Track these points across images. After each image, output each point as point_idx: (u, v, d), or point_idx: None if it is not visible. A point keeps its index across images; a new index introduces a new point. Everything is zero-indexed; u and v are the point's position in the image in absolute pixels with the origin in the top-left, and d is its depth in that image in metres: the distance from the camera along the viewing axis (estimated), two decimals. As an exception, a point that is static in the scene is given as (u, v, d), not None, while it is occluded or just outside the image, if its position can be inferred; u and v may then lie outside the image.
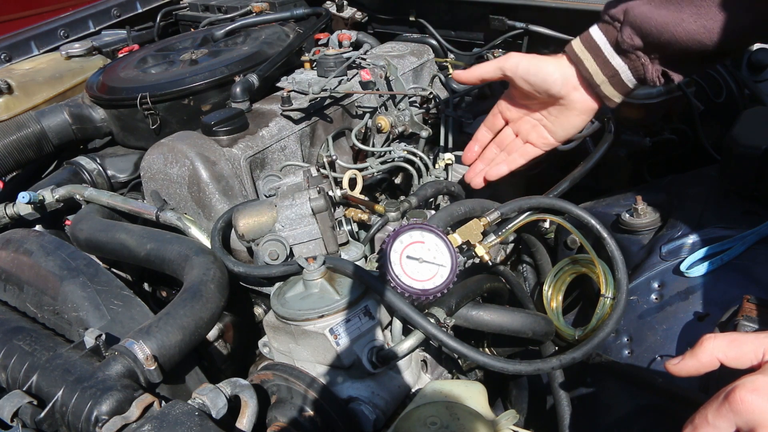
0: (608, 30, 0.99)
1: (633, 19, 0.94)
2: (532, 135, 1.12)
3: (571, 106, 1.05)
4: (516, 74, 1.05)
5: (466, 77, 1.13)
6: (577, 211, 1.02)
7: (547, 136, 1.11)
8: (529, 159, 1.13)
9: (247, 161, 1.27)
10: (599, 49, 0.99)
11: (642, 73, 0.97)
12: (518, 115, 1.13)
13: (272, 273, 1.00)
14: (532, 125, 1.12)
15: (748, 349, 0.59)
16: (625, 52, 0.97)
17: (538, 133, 1.11)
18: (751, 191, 1.03)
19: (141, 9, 2.24)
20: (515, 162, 1.14)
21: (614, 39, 0.97)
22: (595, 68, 1.00)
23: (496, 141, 1.17)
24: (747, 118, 1.09)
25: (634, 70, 0.98)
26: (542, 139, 1.11)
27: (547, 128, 1.10)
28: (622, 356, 0.96)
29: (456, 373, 1.05)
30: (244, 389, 0.83)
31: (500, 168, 1.15)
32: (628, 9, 0.95)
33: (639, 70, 0.97)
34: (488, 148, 1.18)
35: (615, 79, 0.99)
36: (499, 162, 1.16)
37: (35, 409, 0.81)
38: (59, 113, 1.52)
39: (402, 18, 1.89)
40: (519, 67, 1.05)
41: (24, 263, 1.10)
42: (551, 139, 1.11)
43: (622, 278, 0.96)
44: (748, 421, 0.54)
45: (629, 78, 0.99)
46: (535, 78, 1.04)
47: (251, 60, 1.48)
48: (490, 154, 1.17)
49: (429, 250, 0.94)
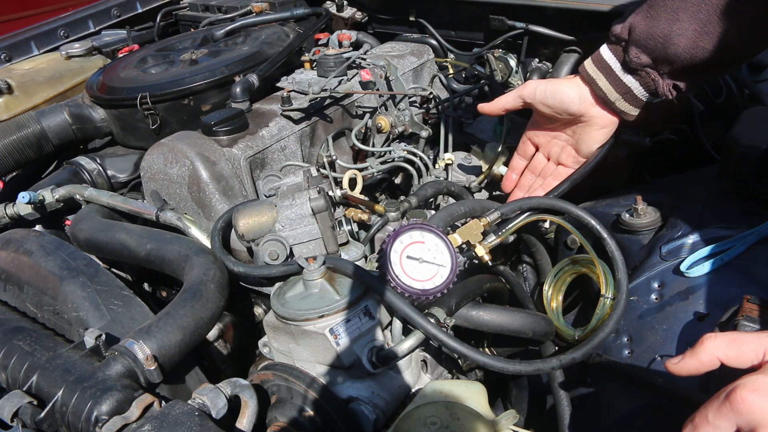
0: (616, 50, 1.03)
1: (637, 37, 0.97)
2: (562, 156, 1.17)
3: (592, 122, 1.09)
4: (535, 99, 1.11)
5: (490, 109, 1.19)
6: (577, 211, 1.02)
7: (574, 154, 1.16)
8: (561, 180, 1.17)
9: (247, 161, 1.27)
10: (610, 68, 1.03)
11: (653, 88, 1.00)
12: (546, 139, 1.18)
13: (272, 273, 1.00)
14: (560, 147, 1.17)
15: (748, 349, 0.60)
16: (634, 70, 1.00)
17: (567, 154, 1.16)
18: (751, 191, 1.03)
19: (141, 9, 2.24)
20: (549, 185, 1.19)
21: (622, 58, 1.01)
22: (608, 87, 1.04)
23: (530, 167, 1.23)
24: (747, 118, 1.09)
25: (646, 86, 1.01)
26: (571, 158, 1.16)
27: (573, 147, 1.15)
28: (622, 356, 0.96)
29: (456, 373, 1.05)
30: (244, 389, 0.83)
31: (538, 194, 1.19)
32: (631, 27, 0.98)
33: (650, 85, 1.00)
34: (524, 175, 1.24)
35: (628, 95, 1.03)
36: (536, 188, 1.21)
37: (35, 409, 0.81)
38: (59, 113, 1.52)
39: (402, 18, 1.89)
40: (537, 93, 1.10)
41: (24, 263, 1.10)
42: (578, 156, 1.15)
43: (622, 278, 0.96)
44: (749, 421, 0.54)
45: (642, 93, 1.02)
46: (553, 100, 1.09)
47: (251, 60, 1.48)
48: (527, 181, 1.23)
49: (429, 250, 0.94)
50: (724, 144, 1.05)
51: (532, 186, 1.22)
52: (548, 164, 1.20)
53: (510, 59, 1.68)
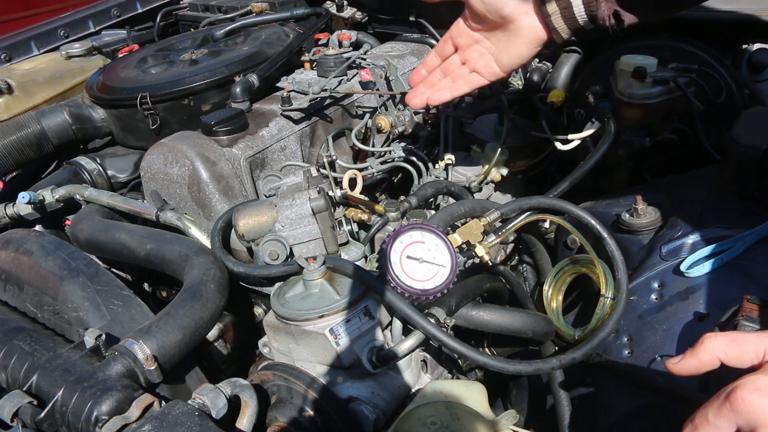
0: None
1: None
2: (479, 63, 1.10)
3: (519, 32, 1.03)
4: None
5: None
6: (577, 211, 1.02)
7: (493, 65, 1.09)
8: (474, 88, 1.12)
9: (247, 161, 1.27)
10: None
11: (594, 9, 0.95)
12: (467, 41, 1.11)
13: (272, 273, 1.00)
14: (480, 53, 1.10)
15: (748, 349, 0.59)
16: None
17: (485, 62, 1.10)
18: (751, 191, 1.03)
19: (141, 9, 2.24)
20: (459, 89, 1.13)
21: None
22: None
23: (442, 67, 1.16)
24: (747, 118, 1.09)
25: (587, 4, 0.96)
26: (488, 68, 1.10)
27: (494, 56, 1.08)
28: (622, 356, 0.96)
29: (456, 373, 1.05)
30: (244, 389, 0.83)
31: (443, 94, 1.14)
32: None
33: (591, 5, 0.95)
34: (433, 73, 1.16)
35: (567, 11, 0.98)
36: (442, 88, 1.14)
37: (35, 409, 0.81)
38: (59, 113, 1.52)
39: (402, 18, 1.89)
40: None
41: (24, 263, 1.10)
42: (497, 68, 1.09)
43: (622, 278, 0.96)
44: (749, 421, 0.54)
45: (581, 12, 0.97)
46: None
47: (251, 60, 1.48)
48: (434, 79, 1.16)
49: (429, 250, 0.94)
50: (724, 144, 1.05)
51: (438, 84, 1.15)
52: (462, 68, 1.13)
53: (510, 59, 1.68)
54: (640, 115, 1.29)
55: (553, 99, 1.50)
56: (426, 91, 1.15)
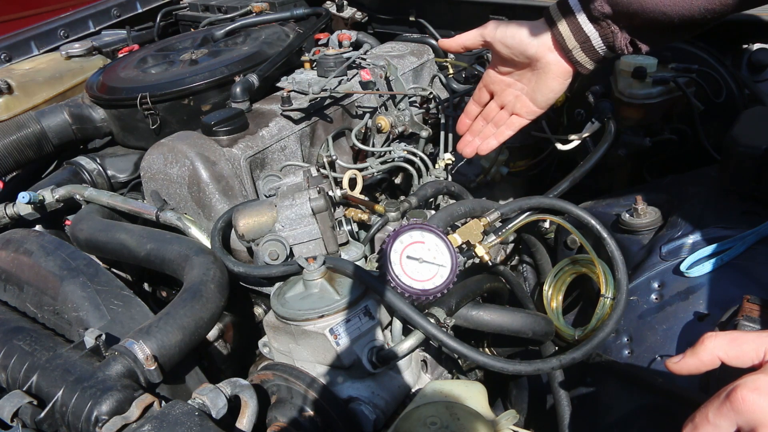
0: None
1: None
2: (516, 106, 1.15)
3: (547, 69, 1.06)
4: (495, 38, 1.08)
5: (449, 45, 1.18)
6: (577, 211, 1.02)
7: (529, 104, 1.13)
8: (516, 130, 1.17)
9: (247, 161, 1.27)
10: (573, 14, 1.01)
11: (611, 41, 0.99)
12: (501, 87, 1.16)
13: (272, 273, 1.00)
14: (514, 96, 1.14)
15: (749, 348, 0.59)
16: (596, 19, 0.98)
17: (521, 103, 1.14)
18: (751, 191, 1.03)
19: (141, 9, 2.24)
20: (503, 134, 1.18)
21: (587, 6, 0.99)
22: (568, 33, 1.01)
23: (483, 114, 1.21)
24: (747, 118, 1.09)
25: (604, 37, 0.99)
26: (526, 108, 1.14)
27: (529, 96, 1.12)
28: (622, 356, 0.96)
29: (456, 373, 1.05)
30: (244, 389, 0.83)
31: (490, 142, 1.19)
32: None
33: (609, 37, 0.99)
34: (477, 120, 1.22)
35: (586, 45, 1.01)
36: (487, 135, 1.20)
37: (35, 409, 0.81)
38: (59, 113, 1.52)
39: (402, 18, 1.89)
40: (497, 32, 1.08)
41: (24, 263, 1.10)
42: (534, 107, 1.13)
43: (622, 278, 0.96)
44: (749, 421, 0.54)
45: (600, 45, 1.00)
46: (512, 40, 1.06)
47: (251, 60, 1.48)
48: (478, 127, 1.21)
49: (429, 251, 0.94)
50: (724, 144, 1.05)
51: (483, 131, 1.21)
52: (501, 113, 1.18)
53: (510, 59, 1.68)
54: (640, 115, 1.29)
55: (553, 99, 1.50)
56: (473, 139, 1.21)
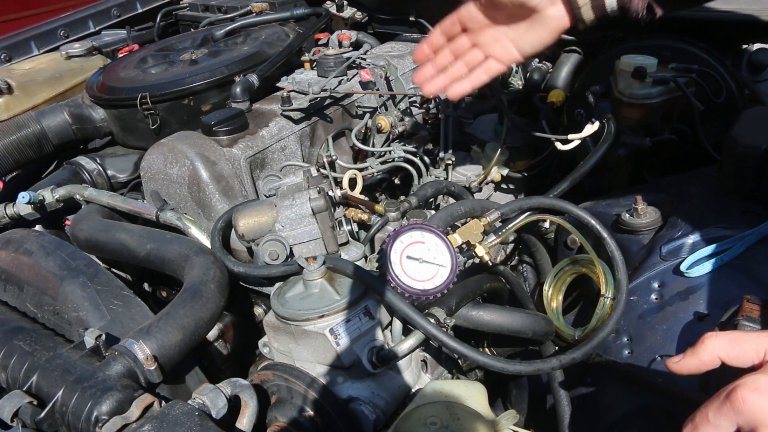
0: None
1: None
2: (496, 49, 1.01)
3: (543, 22, 0.96)
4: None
5: None
6: (577, 211, 1.02)
7: (512, 50, 1.00)
8: (493, 76, 1.03)
9: (247, 161, 1.27)
10: None
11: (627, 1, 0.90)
12: (479, 25, 1.01)
13: (272, 273, 1.00)
14: (494, 38, 1.00)
15: (749, 348, 0.59)
16: None
17: (503, 48, 1.00)
18: (751, 191, 1.03)
19: (141, 9, 2.24)
20: (479, 79, 1.03)
21: None
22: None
23: (451, 48, 1.04)
24: (747, 118, 1.09)
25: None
26: (507, 54, 1.00)
27: (513, 42, 0.99)
28: (622, 356, 0.96)
29: (456, 373, 1.05)
30: (244, 389, 0.83)
31: (463, 85, 1.04)
32: None
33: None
34: (442, 53, 1.05)
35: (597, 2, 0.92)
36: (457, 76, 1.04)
37: (35, 409, 0.81)
38: (59, 113, 1.52)
39: (402, 18, 1.89)
40: None
41: (24, 263, 1.10)
42: (516, 54, 1.00)
43: (622, 278, 0.96)
44: (750, 421, 0.54)
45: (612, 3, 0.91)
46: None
47: (251, 60, 1.48)
48: (444, 60, 1.05)
49: (429, 251, 0.94)
50: (724, 144, 1.05)
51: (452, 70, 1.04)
52: (474, 51, 1.03)
53: (510, 59, 1.68)
54: (640, 115, 1.29)
55: (553, 99, 1.50)
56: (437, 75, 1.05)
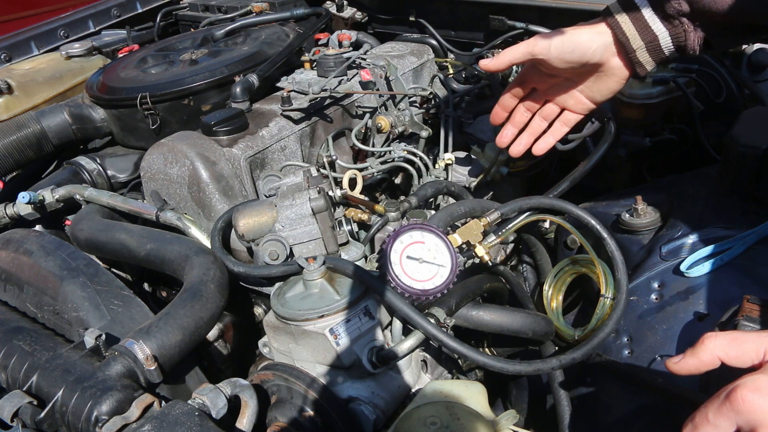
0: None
1: None
2: (569, 101, 1.06)
3: (610, 73, 1.00)
4: (550, 56, 0.99)
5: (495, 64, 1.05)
6: (577, 211, 1.02)
7: (584, 101, 1.05)
8: (571, 126, 1.08)
9: (247, 161, 1.27)
10: (639, 11, 0.94)
11: (683, 40, 0.92)
12: (548, 84, 1.06)
13: (272, 273, 1.00)
14: (565, 91, 1.05)
15: (749, 348, 0.59)
16: (669, 17, 0.92)
17: (575, 99, 1.05)
18: (751, 191, 1.03)
19: (141, 9, 2.24)
20: (559, 131, 1.08)
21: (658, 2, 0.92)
22: (634, 33, 0.94)
23: (525, 105, 1.09)
24: (747, 118, 1.09)
25: (675, 36, 0.93)
26: (580, 104, 1.06)
27: (584, 93, 1.04)
28: (622, 356, 0.96)
29: (456, 373, 1.05)
30: (244, 389, 0.83)
31: (547, 140, 1.09)
32: None
33: (680, 36, 0.92)
34: (518, 110, 1.10)
35: (653, 45, 0.94)
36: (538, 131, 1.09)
37: (35, 409, 0.81)
38: (59, 113, 1.52)
39: (402, 18, 1.89)
40: (551, 48, 0.98)
41: (24, 263, 1.10)
42: (589, 104, 1.05)
43: (622, 278, 0.96)
44: (749, 421, 0.54)
45: (668, 45, 0.94)
46: (572, 55, 0.97)
47: (251, 60, 1.48)
48: (521, 119, 1.10)
49: (429, 251, 0.94)
50: (724, 144, 1.05)
51: (532, 126, 1.09)
52: (549, 106, 1.07)
53: (510, 59, 1.68)
54: (640, 115, 1.29)
55: (553, 99, 1.50)
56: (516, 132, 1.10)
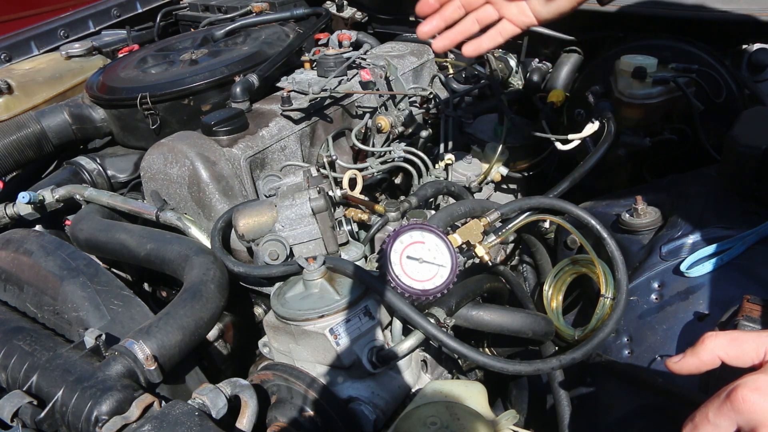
0: None
1: None
2: (511, 9, 0.94)
3: None
4: None
5: None
6: (577, 211, 1.02)
7: (528, 14, 0.94)
8: (507, 38, 0.97)
9: (247, 161, 1.27)
10: None
11: None
12: None
13: (272, 273, 1.00)
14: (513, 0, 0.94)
15: (749, 348, 0.59)
16: None
17: (519, 9, 0.94)
18: (751, 191, 1.03)
19: (141, 9, 2.24)
20: (494, 40, 0.96)
21: None
22: None
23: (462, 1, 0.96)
24: (747, 118, 1.09)
25: None
26: (523, 16, 0.94)
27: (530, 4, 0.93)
28: (622, 356, 0.96)
29: (456, 373, 1.05)
30: (244, 389, 0.83)
31: (481, 43, 0.97)
32: None
33: None
34: (450, 4, 0.95)
35: None
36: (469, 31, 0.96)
37: (35, 409, 0.81)
38: (59, 113, 1.52)
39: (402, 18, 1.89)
40: None
41: (24, 263, 1.10)
42: (532, 17, 0.94)
43: (622, 278, 0.96)
44: (750, 421, 0.54)
45: None
46: None
47: (251, 60, 1.48)
48: (453, 14, 0.96)
49: (429, 251, 0.94)
50: (724, 144, 1.05)
51: (463, 24, 0.96)
52: (487, 8, 0.95)
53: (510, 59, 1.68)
54: (640, 115, 1.29)
55: (553, 99, 1.51)
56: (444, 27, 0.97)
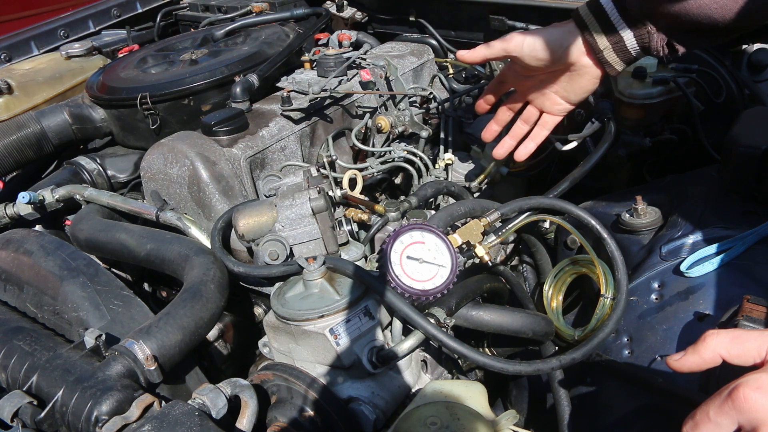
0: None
1: None
2: (546, 103, 1.12)
3: (582, 72, 1.05)
4: (523, 53, 1.05)
5: (469, 57, 1.12)
6: (577, 211, 1.02)
7: (560, 101, 1.11)
8: (551, 129, 1.15)
9: (247, 161, 1.27)
10: (605, 14, 0.98)
11: (647, 41, 0.96)
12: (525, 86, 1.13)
13: (272, 273, 1.00)
14: (542, 94, 1.12)
15: (751, 346, 0.59)
16: (633, 19, 0.96)
17: (551, 101, 1.12)
18: (751, 191, 1.03)
19: (141, 9, 2.24)
20: (539, 135, 1.16)
21: (622, 5, 0.96)
22: (600, 33, 0.99)
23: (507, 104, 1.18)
24: (747, 118, 1.09)
25: (639, 38, 0.97)
26: (557, 106, 1.12)
27: (559, 95, 1.10)
28: (622, 356, 0.96)
29: (456, 373, 1.05)
30: (244, 389, 0.83)
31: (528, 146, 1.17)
32: None
33: (644, 38, 0.96)
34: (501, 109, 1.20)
35: (619, 45, 0.99)
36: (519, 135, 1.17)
37: (35, 409, 0.81)
38: (59, 113, 1.52)
39: (402, 18, 1.89)
40: (524, 46, 1.04)
41: (24, 263, 1.10)
42: (565, 104, 1.11)
43: (622, 278, 0.96)
44: (751, 420, 0.54)
45: (633, 46, 0.98)
46: (543, 53, 1.03)
47: (251, 60, 1.48)
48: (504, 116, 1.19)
49: (429, 251, 0.94)
50: (724, 144, 1.05)
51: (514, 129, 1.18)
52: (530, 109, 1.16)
53: (510, 59, 1.68)
54: (640, 115, 1.29)
55: (553, 99, 1.50)
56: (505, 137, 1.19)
